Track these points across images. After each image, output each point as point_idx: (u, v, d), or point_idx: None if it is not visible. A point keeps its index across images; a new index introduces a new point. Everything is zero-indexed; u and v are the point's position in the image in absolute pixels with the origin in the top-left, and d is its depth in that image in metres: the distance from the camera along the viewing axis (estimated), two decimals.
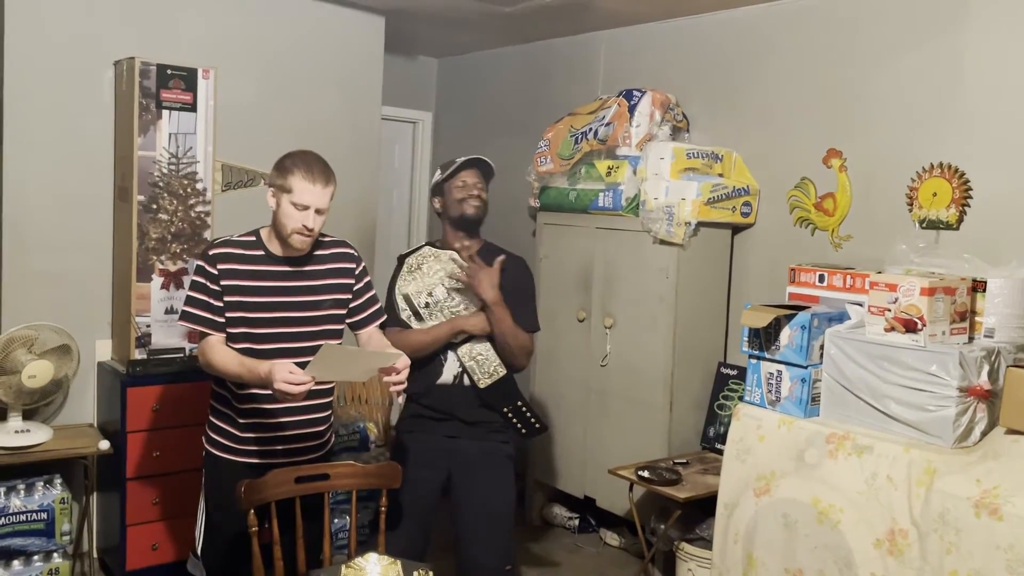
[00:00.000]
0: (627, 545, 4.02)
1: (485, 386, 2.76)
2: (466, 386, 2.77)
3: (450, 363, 2.77)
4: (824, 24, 3.56)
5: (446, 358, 2.77)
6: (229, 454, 2.50)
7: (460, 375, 2.77)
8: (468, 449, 2.77)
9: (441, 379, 2.77)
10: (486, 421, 2.79)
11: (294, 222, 2.37)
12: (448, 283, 2.78)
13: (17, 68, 3.37)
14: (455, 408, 2.76)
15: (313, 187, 2.36)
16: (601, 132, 3.91)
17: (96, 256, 3.57)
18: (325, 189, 2.39)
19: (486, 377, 2.76)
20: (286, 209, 2.38)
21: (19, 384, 3.16)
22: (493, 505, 2.78)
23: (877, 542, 2.52)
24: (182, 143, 3.42)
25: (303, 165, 2.38)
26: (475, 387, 2.76)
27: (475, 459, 2.78)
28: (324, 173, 2.40)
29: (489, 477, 2.78)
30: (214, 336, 2.42)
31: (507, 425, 2.82)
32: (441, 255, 2.83)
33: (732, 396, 3.69)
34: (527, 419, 2.84)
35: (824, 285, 3.03)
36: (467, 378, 2.77)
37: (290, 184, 2.36)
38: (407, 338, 2.71)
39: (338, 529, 3.51)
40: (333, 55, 4.18)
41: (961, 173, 3.12)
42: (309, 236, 2.41)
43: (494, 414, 2.80)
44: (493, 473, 2.79)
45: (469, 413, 2.77)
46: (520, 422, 2.83)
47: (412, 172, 5.68)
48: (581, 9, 4.03)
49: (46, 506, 3.21)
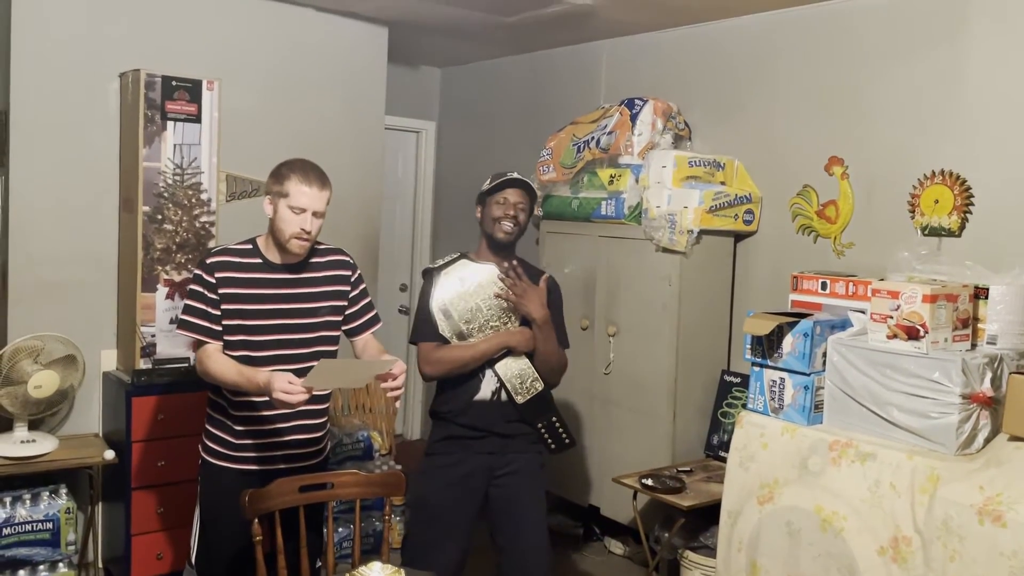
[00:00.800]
0: (632, 554, 4.01)
1: (523, 401, 2.76)
2: (503, 401, 2.76)
3: (488, 379, 2.76)
4: (825, 32, 3.57)
5: (484, 374, 2.75)
6: (225, 461, 2.51)
7: (498, 390, 2.76)
8: (508, 464, 2.78)
9: (479, 395, 2.75)
10: (523, 434, 2.80)
11: (292, 226, 2.39)
12: (493, 300, 2.74)
13: (23, 80, 3.40)
14: (493, 424, 2.75)
15: (309, 189, 2.39)
16: (603, 141, 3.92)
17: (101, 267, 3.59)
18: (321, 192, 2.42)
19: (525, 393, 2.77)
20: (283, 214, 2.40)
21: (25, 394, 3.18)
22: (537, 516, 2.80)
23: (881, 549, 2.52)
24: (187, 154, 3.44)
25: (299, 169, 2.42)
26: (511, 402, 2.76)
27: (515, 473, 2.78)
28: (320, 177, 2.43)
29: (531, 488, 2.80)
30: (211, 344, 2.43)
31: (539, 439, 2.84)
32: (481, 270, 2.77)
33: (735, 404, 3.69)
34: (559, 434, 2.85)
35: (827, 292, 3.03)
36: (504, 393, 2.76)
37: (287, 188, 2.39)
38: (450, 354, 2.69)
39: (342, 539, 3.51)
40: (337, 66, 4.21)
41: (963, 180, 3.12)
42: (307, 240, 2.43)
43: (528, 427, 2.81)
44: (535, 485, 2.81)
45: (507, 427, 2.77)
46: (552, 437, 2.84)
47: (416, 181, 5.70)
48: (582, 19, 4.05)
49: (51, 516, 3.22)
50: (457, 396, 2.75)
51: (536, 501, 2.81)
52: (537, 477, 2.83)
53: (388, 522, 2.46)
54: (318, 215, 2.42)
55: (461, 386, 2.74)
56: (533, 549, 2.77)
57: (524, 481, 2.79)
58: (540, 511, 2.82)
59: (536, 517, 2.80)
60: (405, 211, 5.69)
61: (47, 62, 3.44)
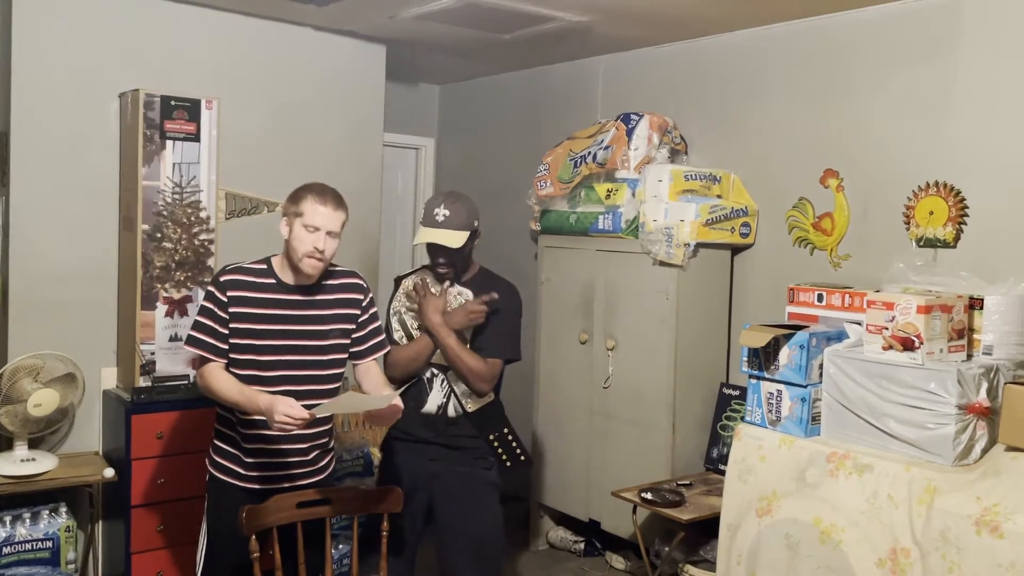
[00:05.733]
0: (633, 568, 4.00)
1: (473, 409, 2.81)
2: (449, 416, 2.81)
3: (435, 393, 2.81)
4: (819, 47, 3.59)
5: (431, 387, 2.81)
6: (233, 478, 2.52)
7: (444, 405, 2.81)
8: (450, 475, 2.80)
9: (425, 408, 2.81)
10: (469, 448, 2.82)
11: (305, 245, 2.41)
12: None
13: (24, 100, 3.43)
14: (439, 436, 2.80)
15: (324, 209, 2.41)
16: (600, 155, 3.94)
17: (101, 285, 3.61)
18: (336, 212, 2.44)
19: (474, 402, 2.80)
20: (298, 233, 2.42)
21: (25, 413, 3.19)
22: (477, 532, 2.80)
23: (880, 561, 2.51)
24: (186, 172, 3.46)
25: (315, 190, 2.45)
26: (459, 417, 2.80)
27: (456, 486, 2.80)
28: (335, 198, 2.47)
29: (472, 504, 2.80)
30: (215, 362, 2.44)
31: (491, 453, 2.85)
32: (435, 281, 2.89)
33: (735, 417, 3.69)
34: (512, 449, 2.87)
35: (823, 304, 3.04)
36: (452, 408, 2.81)
37: (302, 208, 2.42)
38: (398, 355, 2.80)
39: (342, 556, 3.51)
40: (335, 84, 4.24)
41: (957, 191, 3.13)
42: (320, 260, 2.43)
43: (478, 440, 2.83)
44: (476, 500, 2.81)
45: (452, 439, 2.80)
46: (505, 452, 2.86)
47: (415, 198, 5.72)
48: (579, 35, 4.08)
49: (52, 534, 3.22)
50: (408, 406, 2.71)
51: (480, 517, 2.80)
52: (482, 493, 2.82)
53: (385, 538, 2.46)
54: (332, 235, 2.43)
55: (412, 395, 2.80)
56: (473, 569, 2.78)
57: (467, 496, 2.79)
58: (485, 528, 2.80)
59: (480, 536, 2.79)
60: (405, 227, 5.71)
61: (47, 83, 3.47)
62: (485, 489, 2.83)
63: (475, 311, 2.75)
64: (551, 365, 4.16)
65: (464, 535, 2.78)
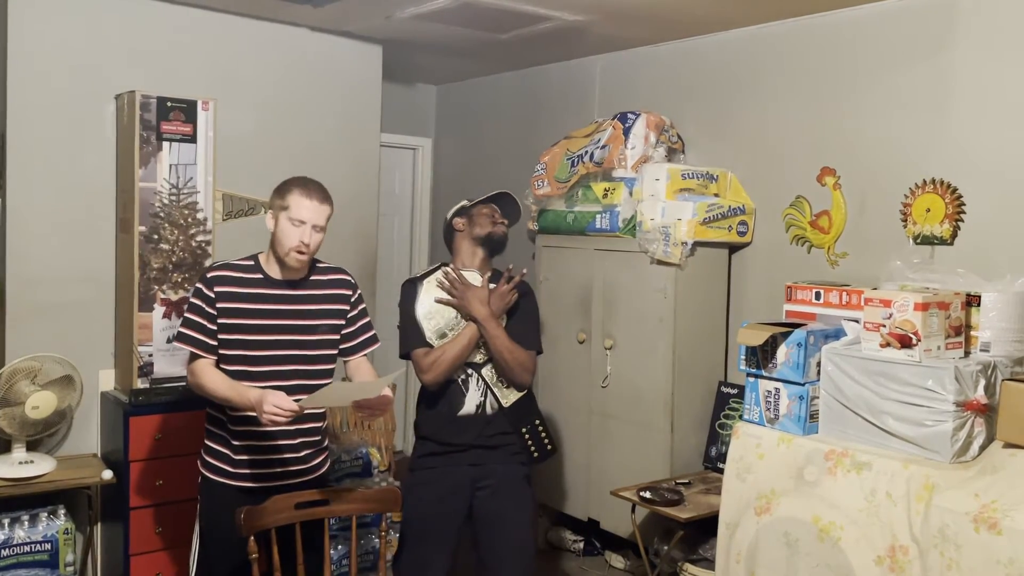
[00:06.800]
0: (632, 567, 4.00)
1: (509, 404, 2.81)
2: (487, 414, 2.80)
3: (472, 392, 2.79)
4: (815, 45, 3.60)
5: (467, 388, 2.79)
6: (224, 478, 2.52)
7: (482, 403, 2.80)
8: (492, 474, 2.79)
9: (463, 410, 2.79)
10: (504, 445, 2.82)
11: (291, 239, 2.42)
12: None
13: (20, 102, 3.43)
14: (476, 437, 2.79)
15: (310, 202, 2.42)
16: (597, 155, 3.95)
17: (98, 287, 3.61)
18: (321, 206, 2.45)
19: (511, 395, 2.81)
20: (284, 227, 2.42)
21: (22, 415, 3.19)
22: (517, 530, 2.80)
23: (878, 559, 2.51)
24: (182, 174, 3.46)
25: (301, 184, 2.46)
26: (496, 414, 2.80)
27: (499, 484, 2.80)
28: (321, 192, 2.47)
29: (512, 503, 2.81)
30: (205, 358, 2.45)
31: (523, 447, 2.86)
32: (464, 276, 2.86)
33: (733, 415, 3.69)
34: (542, 440, 2.88)
35: (820, 302, 3.04)
36: (489, 406, 2.80)
37: (288, 201, 2.43)
38: (443, 354, 2.74)
39: (340, 556, 3.50)
40: (332, 84, 4.24)
41: (954, 189, 3.14)
42: (306, 254, 2.45)
43: (511, 436, 2.83)
44: (516, 498, 2.82)
45: (490, 439, 2.80)
46: (535, 443, 2.87)
47: (413, 198, 5.72)
48: (575, 35, 4.08)
49: (50, 537, 3.22)
50: (440, 413, 2.78)
51: (519, 514, 2.82)
52: (520, 489, 2.84)
53: (385, 539, 2.46)
54: (318, 229, 2.45)
55: (445, 400, 2.78)
56: (514, 565, 2.78)
57: (507, 493, 2.80)
58: (523, 524, 2.82)
59: (519, 533, 2.80)
60: (402, 228, 5.71)
61: (43, 84, 3.47)
62: (522, 484, 2.85)
63: (505, 291, 2.77)
64: (549, 365, 4.16)
65: (505, 533, 2.78)
